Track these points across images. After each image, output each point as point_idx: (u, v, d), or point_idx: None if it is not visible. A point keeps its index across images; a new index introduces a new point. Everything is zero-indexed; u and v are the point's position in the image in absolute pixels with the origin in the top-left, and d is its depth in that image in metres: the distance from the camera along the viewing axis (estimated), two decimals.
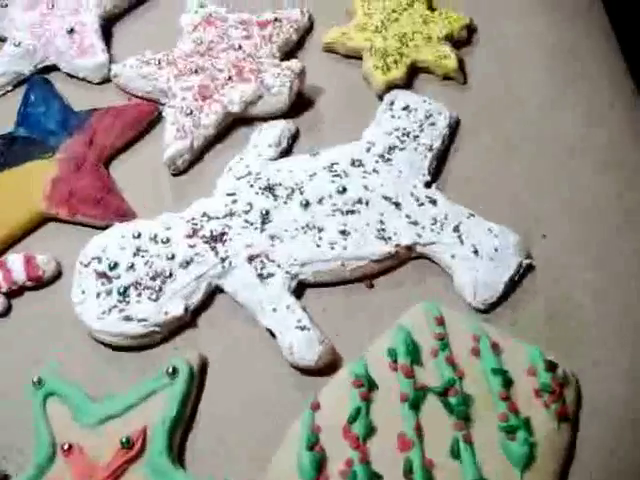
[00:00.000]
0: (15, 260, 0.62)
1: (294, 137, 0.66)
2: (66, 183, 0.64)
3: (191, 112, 0.65)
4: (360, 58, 0.69)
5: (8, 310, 0.62)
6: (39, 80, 0.71)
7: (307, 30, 0.72)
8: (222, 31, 0.70)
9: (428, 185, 0.62)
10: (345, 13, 0.73)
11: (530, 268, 0.59)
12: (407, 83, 0.68)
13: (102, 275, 0.59)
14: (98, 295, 0.59)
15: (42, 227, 0.65)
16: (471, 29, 0.71)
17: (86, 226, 0.64)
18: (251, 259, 0.59)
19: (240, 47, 0.68)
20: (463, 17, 0.70)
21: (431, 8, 0.71)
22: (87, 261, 0.60)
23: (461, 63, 0.68)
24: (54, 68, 0.73)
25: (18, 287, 0.62)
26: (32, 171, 0.66)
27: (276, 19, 0.70)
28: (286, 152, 0.65)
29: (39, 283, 0.62)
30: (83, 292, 0.59)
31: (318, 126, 0.67)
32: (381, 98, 0.67)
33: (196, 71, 0.67)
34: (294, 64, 0.66)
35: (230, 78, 0.67)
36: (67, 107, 0.69)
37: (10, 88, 0.73)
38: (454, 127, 0.66)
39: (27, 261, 0.62)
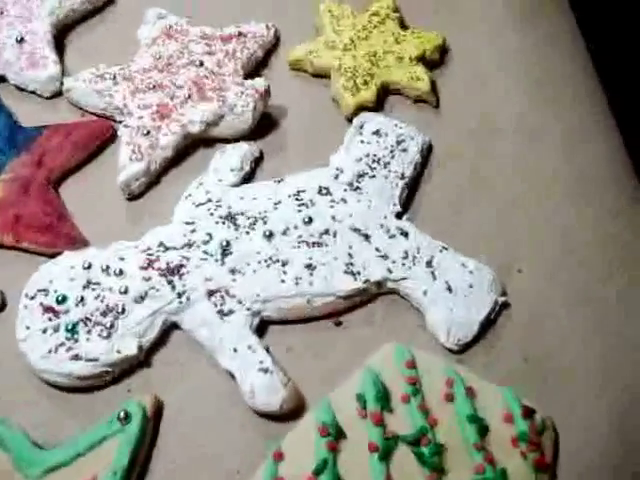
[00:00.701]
0: None
1: (257, 161, 0.62)
2: (11, 207, 0.60)
3: (148, 132, 0.61)
4: (328, 77, 0.66)
5: None
6: None
7: (273, 46, 0.68)
8: (183, 45, 0.65)
9: (399, 216, 0.59)
10: (313, 29, 0.69)
11: (505, 305, 0.57)
12: (377, 105, 0.64)
13: (49, 309, 0.55)
14: (44, 331, 0.54)
15: None
16: (444, 49, 0.68)
17: (33, 253, 0.60)
18: (210, 294, 0.55)
19: (202, 63, 0.64)
20: (436, 37, 0.67)
21: (403, 26, 0.68)
22: (33, 293, 0.56)
23: (434, 85, 0.65)
24: (1, 79, 0.68)
25: None
26: None
27: (240, 34, 0.66)
28: (249, 177, 0.62)
29: None
30: (28, 327, 0.55)
31: (283, 149, 0.63)
32: (350, 120, 0.64)
33: (154, 87, 0.63)
34: (258, 83, 0.62)
35: (190, 96, 0.63)
36: (14, 123, 0.65)
37: None
38: (426, 153, 0.62)
39: None
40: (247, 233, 0.57)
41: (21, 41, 0.67)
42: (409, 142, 0.61)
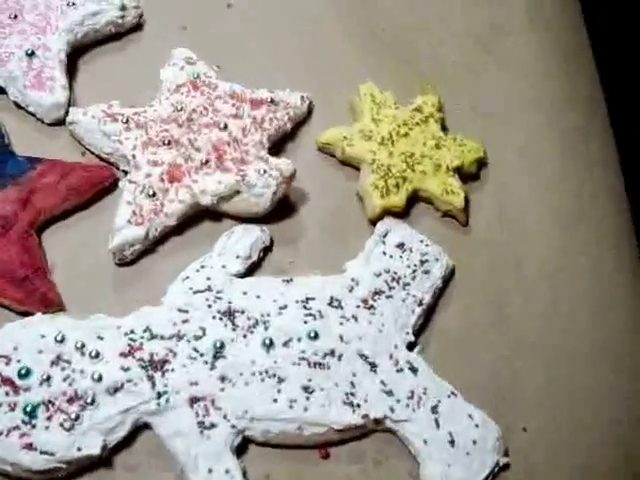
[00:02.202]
0: None
1: (266, 249, 0.57)
2: None
3: (154, 194, 0.55)
4: (357, 168, 0.60)
5: None
6: None
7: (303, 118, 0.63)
8: (209, 101, 0.59)
9: (410, 347, 0.54)
10: (348, 107, 0.64)
11: (505, 466, 0.52)
12: (403, 211, 0.59)
13: (7, 382, 0.48)
14: None
15: None
16: (481, 162, 0.63)
17: None
18: (193, 401, 0.49)
19: (226, 127, 0.58)
20: (478, 148, 0.62)
21: (444, 128, 0.63)
22: None
23: (466, 201, 0.60)
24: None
25: None
26: None
27: (272, 100, 0.60)
28: (254, 266, 0.56)
29: None
30: None
31: (295, 241, 0.58)
32: (373, 222, 0.58)
33: (169, 143, 0.57)
34: (285, 166, 0.56)
35: (207, 162, 0.56)
36: (6, 147, 0.58)
37: None
38: (448, 277, 0.58)
39: None
40: (244, 336, 0.51)
41: (31, 55, 0.60)
42: (433, 264, 0.56)
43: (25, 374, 0.49)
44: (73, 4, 0.63)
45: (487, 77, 0.68)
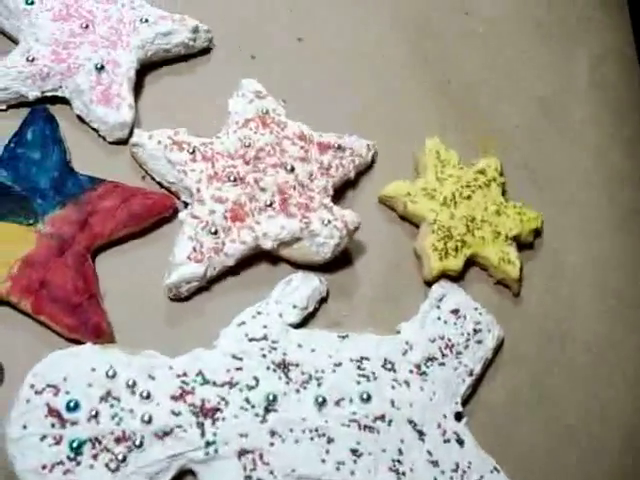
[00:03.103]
0: None
1: (322, 298, 0.56)
2: (40, 268, 0.51)
3: (216, 232, 0.54)
4: (416, 225, 0.60)
5: None
6: (44, 115, 0.57)
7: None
8: (277, 140, 0.58)
9: (458, 417, 0.53)
10: (411, 159, 0.63)
11: None
12: (458, 275, 0.59)
13: (55, 413, 0.47)
14: (43, 438, 0.46)
15: None
16: (537, 232, 0.63)
17: (44, 325, 0.52)
18: (242, 454, 0.48)
19: (293, 169, 0.57)
20: (536, 218, 0.62)
21: (503, 193, 0.63)
22: (41, 387, 0.48)
23: (520, 272, 0.60)
24: (63, 100, 0.59)
25: None
26: (1, 235, 0.52)
27: (339, 147, 0.59)
28: (308, 316, 0.55)
29: None
30: (25, 427, 0.47)
31: (349, 293, 0.57)
32: (428, 283, 0.58)
33: (235, 181, 0.56)
34: (350, 218, 0.56)
35: (272, 204, 0.55)
36: (67, 164, 0.56)
37: (4, 107, 0.59)
38: (498, 348, 0.57)
39: None
40: (297, 391, 0.51)
41: (101, 69, 0.58)
42: (485, 334, 0.56)
43: (73, 407, 0.47)
44: (146, 20, 0.61)
45: (547, 144, 0.67)
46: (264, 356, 0.51)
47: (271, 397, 0.50)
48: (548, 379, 0.58)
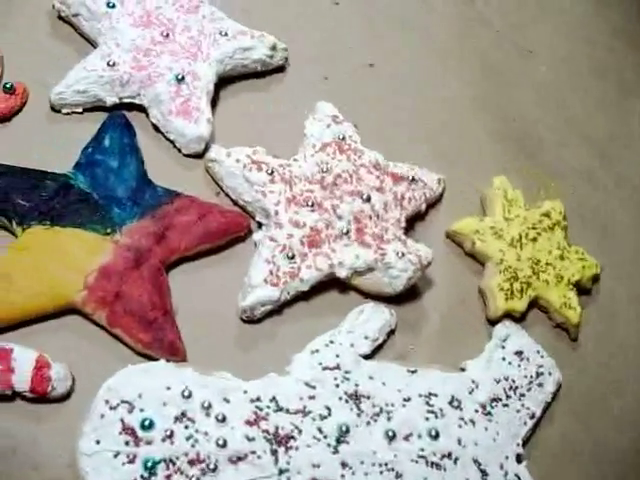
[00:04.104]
0: (24, 359, 0.48)
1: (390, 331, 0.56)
2: (117, 279, 0.51)
3: (293, 256, 0.54)
4: (481, 262, 0.60)
5: None
6: (122, 122, 0.56)
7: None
8: (354, 168, 0.58)
9: (519, 459, 0.54)
10: (477, 196, 0.63)
11: None
12: (521, 315, 0.59)
13: (129, 431, 0.47)
14: (116, 455, 0.46)
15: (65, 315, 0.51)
16: (595, 278, 0.63)
17: (116, 338, 0.51)
18: None
19: (369, 199, 0.57)
20: (596, 265, 0.62)
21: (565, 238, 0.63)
22: (115, 403, 0.47)
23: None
24: (139, 107, 0.59)
25: (12, 393, 0.48)
26: (79, 243, 0.52)
27: (413, 179, 0.59)
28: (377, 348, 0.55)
29: (40, 397, 0.48)
30: (98, 442, 0.46)
31: (417, 326, 0.57)
32: (491, 322, 0.58)
33: (313, 206, 0.55)
34: (424, 252, 0.56)
35: (347, 233, 0.55)
36: (145, 175, 0.55)
37: (80, 110, 0.58)
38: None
39: (38, 367, 0.48)
40: (368, 424, 0.50)
41: (181, 80, 0.58)
42: (547, 378, 0.56)
43: (148, 426, 0.47)
44: (225, 34, 0.61)
45: (603, 189, 0.68)
46: (337, 386, 0.51)
47: (343, 428, 0.50)
48: (602, 425, 0.58)
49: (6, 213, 0.52)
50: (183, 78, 0.58)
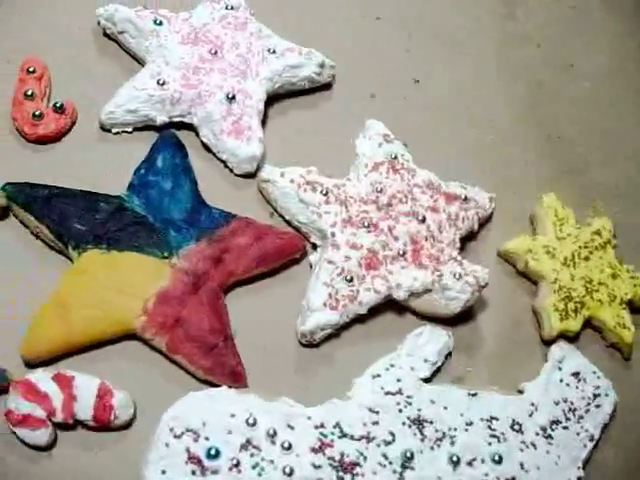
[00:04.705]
0: (86, 387, 0.47)
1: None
2: (176, 304, 0.50)
3: (351, 279, 0.53)
4: (533, 281, 0.60)
5: (52, 444, 0.47)
6: (174, 142, 0.56)
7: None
8: (407, 188, 0.57)
9: None
10: (525, 215, 0.63)
11: None
12: (575, 335, 0.59)
13: (195, 460, 0.46)
14: None
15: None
16: None
17: (175, 363, 0.50)
18: None
19: (424, 220, 0.56)
20: None
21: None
22: (180, 431, 0.46)
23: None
24: (187, 126, 0.58)
25: (74, 422, 0.47)
26: (137, 267, 0.51)
27: (465, 198, 0.59)
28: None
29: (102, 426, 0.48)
30: (164, 472, 0.46)
31: (472, 348, 0.56)
32: (546, 342, 0.58)
33: (369, 227, 0.55)
34: (482, 274, 0.55)
35: (404, 254, 0.55)
36: (199, 196, 0.55)
37: (130, 130, 0.57)
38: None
39: (101, 395, 0.47)
40: (432, 449, 0.50)
41: (232, 99, 0.57)
42: (604, 399, 0.56)
43: (214, 455, 0.46)
44: (274, 52, 0.60)
45: None
46: (400, 411, 0.50)
47: (408, 454, 0.49)
48: None
49: (61, 237, 0.51)
50: (234, 97, 0.57)
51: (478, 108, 0.67)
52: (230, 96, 0.57)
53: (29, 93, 0.56)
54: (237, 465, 0.46)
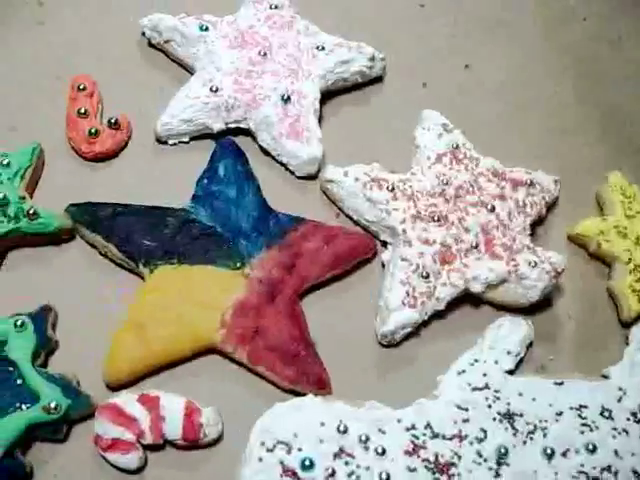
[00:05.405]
0: (173, 407, 0.46)
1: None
2: (253, 314, 0.49)
3: (427, 276, 0.52)
4: (606, 263, 0.58)
5: (142, 468, 0.47)
6: (233, 149, 0.55)
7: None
8: (473, 177, 0.56)
9: None
10: (592, 196, 0.61)
11: None
12: None
13: (290, 472, 0.45)
14: None
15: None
16: None
17: (257, 375, 0.50)
18: None
19: (493, 209, 0.55)
20: None
21: None
22: (272, 444, 0.46)
23: None
24: (244, 131, 0.57)
25: (163, 442, 0.47)
26: (210, 279, 0.50)
27: (531, 182, 0.57)
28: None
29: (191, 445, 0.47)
30: None
31: (553, 335, 0.55)
32: (624, 325, 0.56)
33: (439, 220, 0.54)
34: (557, 260, 0.54)
35: (477, 246, 0.54)
36: (265, 202, 0.54)
37: (187, 140, 0.56)
38: None
39: (188, 413, 0.46)
40: (524, 443, 0.49)
41: (287, 100, 0.56)
42: None
43: (309, 466, 0.45)
44: (322, 48, 0.59)
45: None
46: (489, 406, 0.49)
47: (502, 450, 0.48)
48: None
49: (131, 255, 0.51)
50: (289, 98, 0.56)
51: (532, 89, 0.65)
52: (285, 97, 0.56)
53: (82, 111, 0.55)
54: (333, 474, 0.45)
